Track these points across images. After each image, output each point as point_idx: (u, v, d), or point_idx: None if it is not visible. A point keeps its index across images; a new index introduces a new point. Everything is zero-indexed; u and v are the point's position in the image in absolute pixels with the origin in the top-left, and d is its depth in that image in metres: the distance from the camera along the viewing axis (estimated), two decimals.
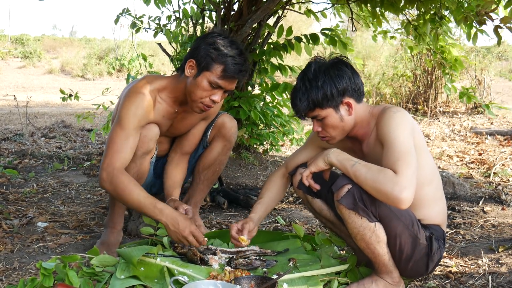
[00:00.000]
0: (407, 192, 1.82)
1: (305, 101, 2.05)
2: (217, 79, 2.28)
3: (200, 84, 2.30)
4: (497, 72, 13.11)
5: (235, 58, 2.27)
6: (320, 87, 2.03)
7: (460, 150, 6.09)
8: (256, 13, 3.95)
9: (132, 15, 4.74)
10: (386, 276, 2.07)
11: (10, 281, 2.16)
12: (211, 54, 2.27)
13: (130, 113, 2.32)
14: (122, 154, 2.28)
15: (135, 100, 2.35)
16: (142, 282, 2.08)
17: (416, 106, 9.46)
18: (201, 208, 3.40)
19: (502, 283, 2.17)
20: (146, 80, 2.43)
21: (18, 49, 19.57)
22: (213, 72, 2.27)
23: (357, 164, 1.95)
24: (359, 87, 2.09)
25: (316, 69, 2.07)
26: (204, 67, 2.29)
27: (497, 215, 3.39)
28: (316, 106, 2.05)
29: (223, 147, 2.74)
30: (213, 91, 2.31)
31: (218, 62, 2.27)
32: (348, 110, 2.08)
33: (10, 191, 3.72)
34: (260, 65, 4.49)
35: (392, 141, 1.93)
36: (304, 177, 2.12)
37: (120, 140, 2.30)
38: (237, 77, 2.30)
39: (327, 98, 2.03)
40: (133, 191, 2.21)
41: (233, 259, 2.34)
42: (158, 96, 2.43)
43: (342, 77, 2.04)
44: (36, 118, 8.10)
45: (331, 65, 2.07)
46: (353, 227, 1.99)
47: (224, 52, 2.27)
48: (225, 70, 2.26)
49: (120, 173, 2.24)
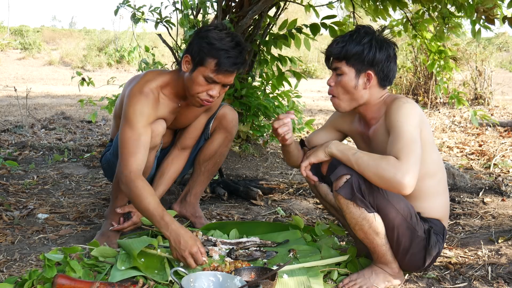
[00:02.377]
0: (409, 178, 1.82)
1: (341, 47, 2.06)
2: (211, 74, 2.25)
3: (196, 80, 2.28)
4: (497, 63, 13.10)
5: (229, 51, 2.22)
6: (361, 43, 2.04)
7: (460, 141, 6.08)
8: (257, 4, 3.93)
9: (131, 6, 4.71)
10: (386, 267, 2.08)
11: (11, 272, 2.16)
12: (204, 49, 2.24)
13: (137, 112, 2.32)
14: (137, 156, 2.28)
15: (140, 99, 2.34)
16: (143, 273, 2.09)
17: (417, 97, 9.45)
18: (201, 199, 3.41)
19: (502, 273, 2.18)
20: (148, 77, 2.42)
21: (18, 40, 19.50)
22: (207, 67, 2.24)
23: (359, 152, 1.96)
24: (390, 72, 2.09)
25: (370, 32, 2.08)
26: (198, 62, 2.26)
27: (497, 206, 3.40)
28: (345, 58, 2.06)
29: (224, 139, 2.74)
30: (209, 86, 2.29)
31: (211, 56, 2.23)
32: (366, 82, 2.07)
33: (11, 182, 3.72)
34: (260, 56, 4.48)
35: (398, 130, 1.93)
36: (303, 168, 2.13)
37: (132, 141, 2.29)
38: (231, 70, 2.26)
39: (358, 56, 2.04)
40: (145, 198, 2.18)
41: (233, 250, 2.35)
42: (161, 93, 2.43)
43: (382, 51, 2.05)
44: (36, 110, 8.09)
45: (382, 39, 2.08)
46: (351, 218, 1.99)
47: (216, 46, 2.22)
48: (218, 64, 2.22)
49: (137, 177, 2.23)
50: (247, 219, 3.07)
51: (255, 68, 4.61)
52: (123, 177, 2.25)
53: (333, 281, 2.14)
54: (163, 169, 2.71)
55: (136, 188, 2.20)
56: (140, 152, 2.29)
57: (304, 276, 2.12)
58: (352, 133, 2.32)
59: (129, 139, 2.29)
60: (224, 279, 1.94)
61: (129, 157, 2.27)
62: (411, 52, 9.54)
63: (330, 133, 2.38)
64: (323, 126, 2.46)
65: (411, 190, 1.84)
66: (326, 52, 2.13)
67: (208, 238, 2.46)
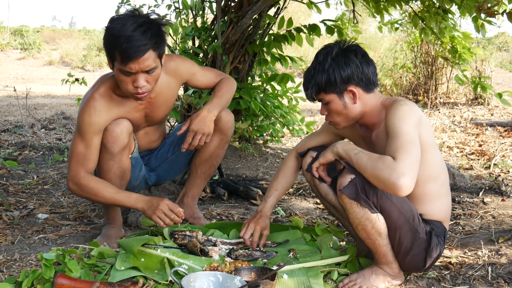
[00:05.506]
0: (405, 179, 1.80)
1: (312, 84, 2.08)
2: (122, 67, 2.15)
3: (118, 77, 2.23)
4: (497, 63, 13.09)
5: (129, 37, 2.08)
6: (325, 71, 2.04)
7: (460, 141, 6.08)
8: (257, 4, 3.93)
9: (131, 5, 4.71)
10: (386, 267, 2.08)
11: (10, 272, 2.16)
12: (109, 43, 2.15)
13: (85, 121, 2.31)
14: (85, 163, 2.33)
15: (88, 108, 2.32)
16: (142, 273, 2.08)
17: (417, 97, 9.44)
18: (201, 199, 3.41)
19: (502, 274, 2.18)
20: (96, 83, 2.40)
21: (18, 40, 19.51)
22: (117, 60, 2.14)
23: (360, 153, 1.96)
24: (368, 76, 2.07)
25: (326, 53, 2.07)
26: (111, 57, 2.18)
27: (497, 206, 3.40)
28: (321, 90, 2.07)
29: (220, 141, 2.71)
30: (131, 78, 2.19)
31: (115, 48, 2.12)
32: (353, 98, 2.08)
33: (11, 182, 3.72)
34: (260, 56, 4.48)
35: (395, 131, 1.93)
36: (314, 169, 2.15)
37: (81, 150, 2.33)
38: (136, 56, 2.11)
39: (331, 83, 2.05)
40: (104, 190, 2.31)
41: (233, 250, 2.35)
42: (113, 94, 2.37)
43: (348, 65, 2.04)
44: (36, 110, 8.09)
45: (341, 51, 2.07)
46: (354, 217, 1.99)
47: (116, 35, 2.10)
48: (121, 54, 2.11)
49: (87, 179, 2.31)
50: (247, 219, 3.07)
51: (254, 68, 4.60)
52: (71, 184, 2.34)
53: (333, 281, 2.14)
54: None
55: (92, 188, 2.31)
56: (90, 159, 2.34)
57: (304, 276, 2.12)
58: (353, 138, 2.31)
59: (78, 149, 2.33)
60: (224, 279, 1.93)
61: (77, 165, 2.33)
62: (411, 52, 9.54)
63: (328, 136, 2.40)
64: (318, 131, 2.46)
65: (408, 192, 1.82)
66: (305, 94, 2.16)
67: (208, 238, 2.46)
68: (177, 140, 2.76)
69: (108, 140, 2.35)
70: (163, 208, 2.26)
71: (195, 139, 2.45)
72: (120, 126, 2.37)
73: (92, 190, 2.30)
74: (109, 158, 2.39)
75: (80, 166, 2.32)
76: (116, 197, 2.31)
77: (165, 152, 2.79)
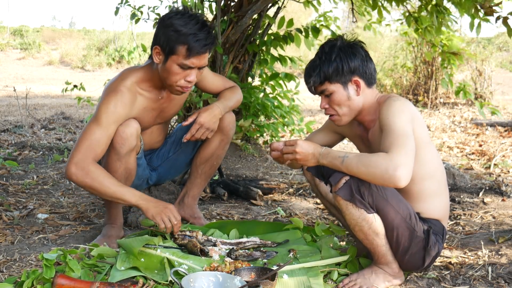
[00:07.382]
0: (402, 170, 1.81)
1: (317, 73, 2.09)
2: (185, 61, 2.27)
3: (170, 69, 2.30)
4: (497, 63, 13.09)
5: (197, 34, 2.23)
6: (332, 60, 2.06)
7: (461, 141, 6.08)
8: (257, 3, 3.93)
9: (131, 6, 4.71)
10: (386, 267, 2.08)
11: (10, 272, 2.16)
12: (171, 37, 2.25)
13: (108, 111, 2.31)
14: (96, 150, 2.28)
15: (114, 98, 2.33)
16: (142, 273, 2.08)
17: (417, 97, 9.44)
18: (201, 199, 3.41)
19: (502, 274, 2.18)
20: (123, 76, 2.42)
21: (17, 40, 19.50)
22: (179, 54, 2.26)
23: (345, 158, 1.94)
24: (371, 71, 2.12)
25: (333, 45, 2.10)
26: (169, 51, 2.27)
27: (497, 206, 3.40)
28: (326, 79, 2.08)
29: (221, 141, 2.71)
30: (185, 72, 2.31)
31: (180, 43, 2.24)
32: (357, 89, 2.10)
33: (10, 182, 3.72)
34: (260, 56, 4.48)
35: (389, 125, 1.94)
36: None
37: (96, 136, 2.28)
38: (203, 52, 2.27)
39: (338, 72, 2.07)
40: (110, 181, 2.25)
41: (233, 250, 2.34)
42: (138, 88, 2.42)
43: (355, 56, 2.08)
44: (35, 110, 8.09)
45: (348, 44, 2.11)
46: (351, 219, 1.99)
47: (183, 31, 2.23)
48: (189, 49, 2.24)
49: (95, 165, 2.26)
50: (247, 219, 3.07)
51: (254, 68, 4.60)
52: (74, 168, 2.23)
53: (333, 281, 2.14)
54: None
55: (98, 176, 2.23)
56: (100, 148, 2.29)
57: (304, 276, 2.12)
58: (352, 137, 2.32)
59: (92, 135, 2.28)
60: (224, 279, 1.93)
61: (88, 150, 2.26)
62: (411, 52, 9.53)
63: (328, 135, 2.41)
64: (320, 128, 2.47)
65: (406, 183, 1.82)
66: (307, 84, 2.16)
67: (208, 238, 2.46)
68: (178, 140, 2.77)
69: (117, 141, 2.36)
70: (169, 213, 2.26)
71: (199, 132, 2.50)
72: (130, 128, 2.38)
73: (98, 178, 2.23)
74: (117, 159, 2.39)
75: (91, 151, 2.26)
76: (121, 190, 2.25)
77: (167, 151, 2.80)
